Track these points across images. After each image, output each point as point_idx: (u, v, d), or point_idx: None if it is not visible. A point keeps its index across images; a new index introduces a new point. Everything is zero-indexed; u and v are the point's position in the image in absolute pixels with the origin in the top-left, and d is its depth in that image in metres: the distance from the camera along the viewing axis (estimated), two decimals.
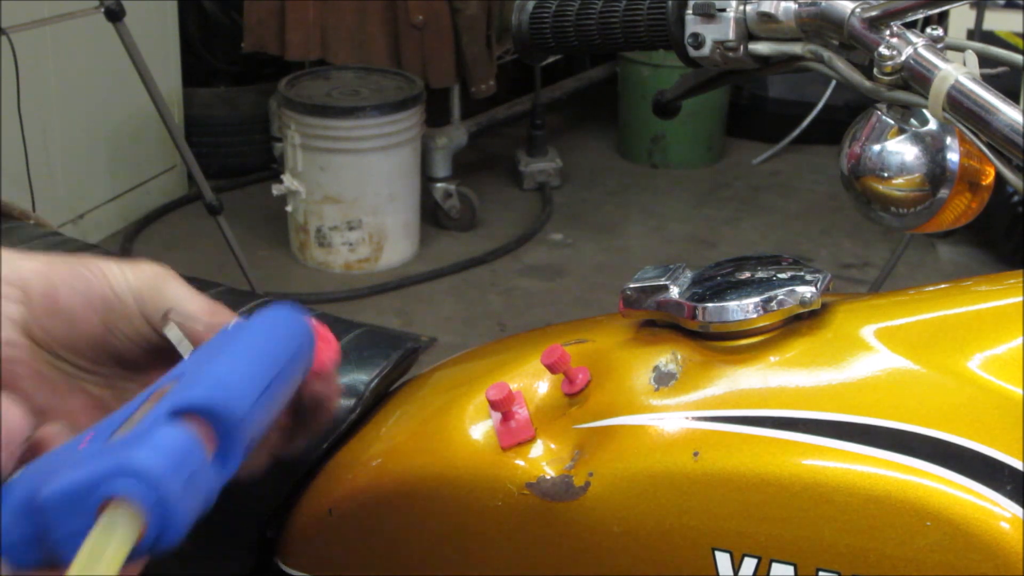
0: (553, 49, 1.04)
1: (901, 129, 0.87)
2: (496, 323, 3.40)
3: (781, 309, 0.85)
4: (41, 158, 3.32)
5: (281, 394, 0.65)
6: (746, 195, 4.24)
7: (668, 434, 0.83)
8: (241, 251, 3.08)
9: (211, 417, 0.58)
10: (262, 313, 0.67)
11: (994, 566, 0.72)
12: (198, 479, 0.56)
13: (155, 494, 0.53)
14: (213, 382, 0.59)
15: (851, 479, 0.76)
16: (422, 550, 0.95)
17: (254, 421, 0.60)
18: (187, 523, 0.55)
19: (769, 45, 0.92)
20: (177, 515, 0.54)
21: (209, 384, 0.59)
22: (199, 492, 0.56)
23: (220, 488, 0.58)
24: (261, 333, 0.66)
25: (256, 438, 0.62)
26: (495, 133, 4.31)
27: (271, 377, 0.62)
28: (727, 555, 0.80)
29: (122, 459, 0.54)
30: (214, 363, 0.61)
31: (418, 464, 0.94)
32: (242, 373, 0.61)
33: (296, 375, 0.67)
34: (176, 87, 3.96)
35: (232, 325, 0.67)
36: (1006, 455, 0.74)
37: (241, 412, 0.59)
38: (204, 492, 0.57)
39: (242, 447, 0.59)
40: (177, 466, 0.55)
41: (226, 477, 0.59)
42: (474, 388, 0.94)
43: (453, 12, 3.75)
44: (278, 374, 0.63)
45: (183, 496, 0.54)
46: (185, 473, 0.55)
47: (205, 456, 0.57)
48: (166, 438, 0.55)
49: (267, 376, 0.62)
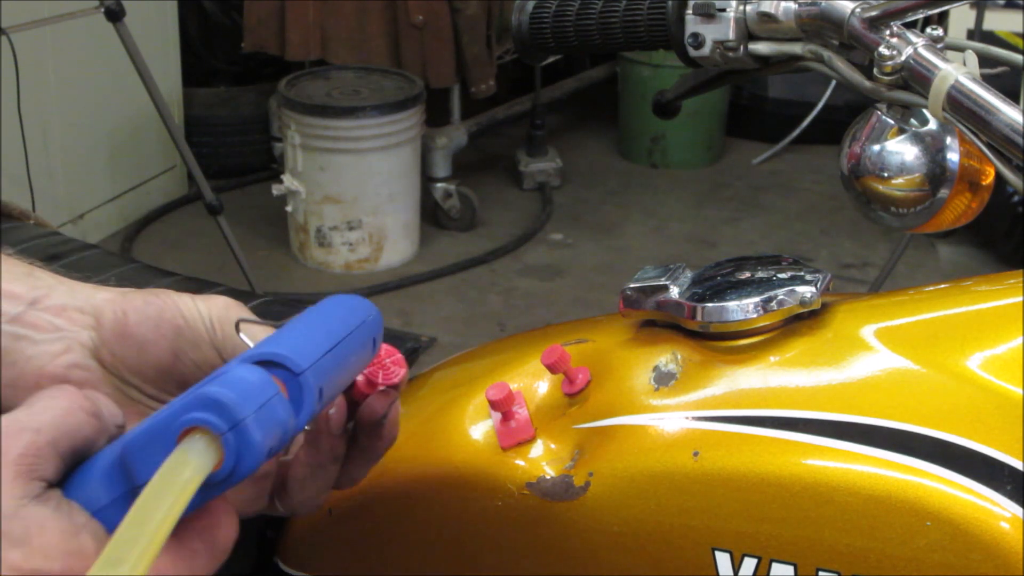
0: (553, 49, 1.04)
1: (901, 129, 0.87)
2: (496, 323, 3.40)
3: (781, 309, 0.85)
4: (41, 158, 3.32)
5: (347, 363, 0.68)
6: (746, 195, 4.24)
7: (668, 434, 0.83)
8: (241, 251, 3.08)
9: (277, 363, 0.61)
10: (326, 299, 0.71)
11: (994, 566, 0.72)
12: (271, 410, 0.58)
13: (230, 420, 0.56)
14: (278, 340, 0.63)
15: (851, 479, 0.76)
16: (422, 550, 0.95)
17: (322, 375, 0.63)
18: (263, 451, 0.57)
19: (769, 45, 0.92)
20: (252, 441, 0.56)
21: (274, 342, 0.62)
22: (273, 424, 0.58)
23: (296, 432, 0.61)
24: (322, 310, 0.69)
25: (328, 397, 0.65)
26: (495, 133, 4.31)
27: (334, 341, 0.65)
28: (727, 555, 0.80)
29: (197, 393, 0.57)
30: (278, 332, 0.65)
31: (418, 464, 0.94)
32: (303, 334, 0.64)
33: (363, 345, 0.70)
34: (176, 87, 3.96)
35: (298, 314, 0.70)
36: (1006, 455, 0.74)
37: (305, 363, 0.61)
38: (279, 427, 0.59)
39: (312, 397, 0.62)
40: (248, 396, 0.57)
41: (302, 424, 0.61)
42: (474, 388, 0.94)
43: (453, 12, 3.75)
44: (342, 340, 0.66)
45: (256, 423, 0.57)
46: (257, 403, 0.57)
47: (276, 390, 0.59)
48: (236, 375, 0.58)
49: (329, 339, 0.65)
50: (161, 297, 0.72)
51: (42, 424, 0.56)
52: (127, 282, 1.23)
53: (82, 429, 0.58)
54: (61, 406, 0.58)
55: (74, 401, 0.58)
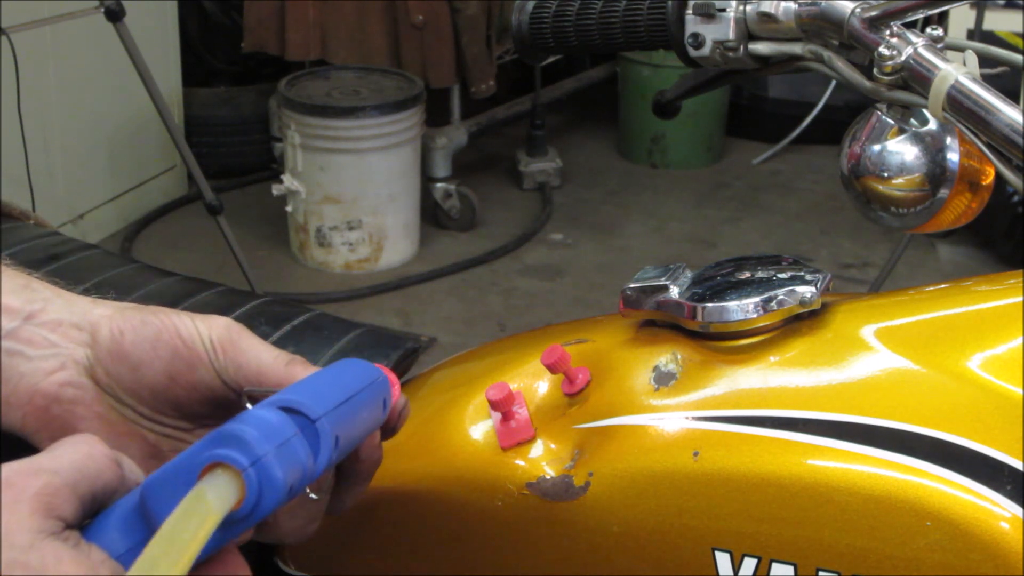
0: (553, 49, 1.04)
1: (901, 129, 0.87)
2: (496, 323, 3.40)
3: (781, 309, 0.85)
4: (41, 158, 3.32)
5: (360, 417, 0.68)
6: (746, 195, 4.24)
7: (668, 434, 0.83)
8: (241, 251, 3.08)
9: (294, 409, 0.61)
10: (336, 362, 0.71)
11: (994, 566, 0.72)
12: (291, 449, 0.58)
13: (252, 455, 0.56)
14: (294, 390, 0.63)
15: (851, 479, 0.76)
16: (422, 550, 0.95)
17: (337, 424, 0.63)
18: (284, 488, 0.57)
19: (769, 45, 0.92)
20: (273, 477, 0.56)
21: (290, 391, 0.63)
22: (294, 463, 0.58)
23: (315, 477, 0.61)
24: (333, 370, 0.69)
25: (344, 447, 0.65)
26: (495, 133, 4.31)
27: (348, 395, 0.66)
28: (727, 555, 0.80)
29: (218, 432, 0.57)
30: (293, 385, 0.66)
31: (418, 464, 0.94)
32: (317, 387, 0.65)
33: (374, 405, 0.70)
34: (176, 87, 3.96)
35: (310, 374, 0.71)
36: (1006, 455, 0.74)
37: (320, 409, 0.62)
38: (299, 466, 0.59)
39: (328, 443, 0.62)
40: (269, 434, 0.57)
41: (320, 469, 0.61)
42: (474, 388, 0.94)
43: (453, 12, 3.75)
44: (355, 395, 0.67)
45: (277, 460, 0.57)
46: (277, 441, 0.58)
47: (295, 431, 0.60)
48: (258, 416, 0.59)
49: (343, 393, 0.66)
50: (159, 316, 0.71)
51: (60, 467, 0.56)
52: (127, 282, 1.23)
53: (102, 475, 0.58)
54: (82, 451, 0.57)
55: (95, 447, 0.58)
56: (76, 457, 0.57)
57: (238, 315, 1.15)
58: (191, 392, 0.71)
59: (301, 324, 1.14)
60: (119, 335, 0.70)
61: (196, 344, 0.70)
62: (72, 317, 0.71)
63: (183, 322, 0.71)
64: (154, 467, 0.71)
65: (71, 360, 0.70)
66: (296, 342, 1.11)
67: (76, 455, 0.57)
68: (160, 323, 0.71)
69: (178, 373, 0.70)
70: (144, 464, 0.71)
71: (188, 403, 0.72)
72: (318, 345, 1.11)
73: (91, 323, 0.71)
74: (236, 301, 1.19)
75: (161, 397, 0.71)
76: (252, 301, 1.19)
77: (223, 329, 0.71)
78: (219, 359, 0.70)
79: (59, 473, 0.56)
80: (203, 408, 0.72)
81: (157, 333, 0.70)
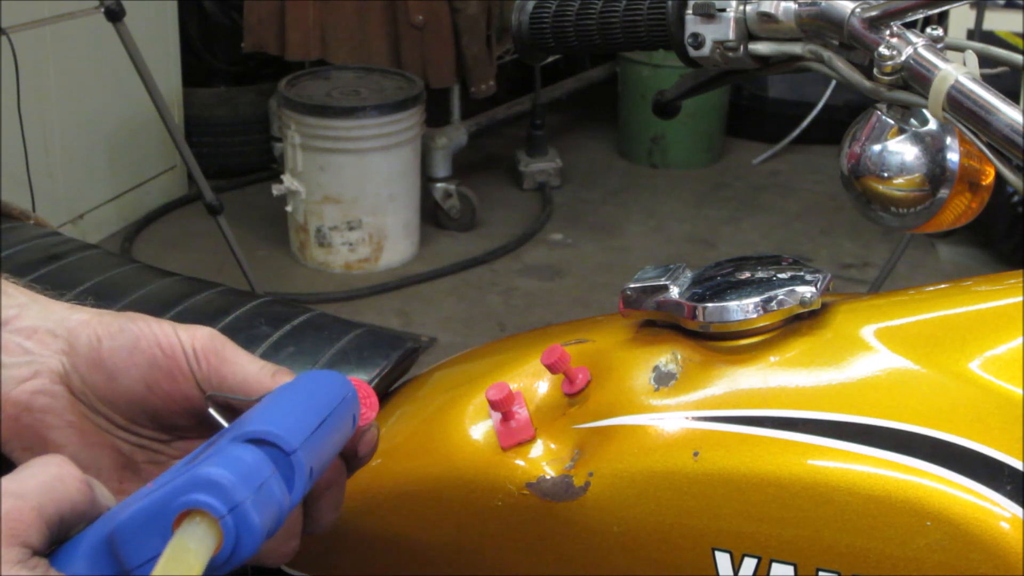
0: (553, 49, 1.04)
1: (901, 129, 0.87)
2: (496, 323, 3.40)
3: (781, 309, 0.85)
4: (41, 158, 3.32)
5: (332, 440, 0.66)
6: (746, 195, 4.24)
7: (668, 434, 0.83)
8: (241, 251, 3.07)
9: (270, 442, 0.59)
10: (303, 374, 0.69)
11: (994, 566, 0.72)
12: (268, 492, 0.57)
13: (229, 502, 0.54)
14: (267, 418, 0.61)
15: (851, 479, 0.76)
16: (422, 550, 0.95)
17: (310, 454, 0.62)
18: (262, 533, 0.56)
19: (769, 45, 0.92)
20: (252, 524, 0.55)
21: (265, 420, 0.61)
22: (270, 505, 0.57)
23: (288, 511, 0.59)
24: (303, 386, 0.67)
25: (316, 474, 0.63)
26: (495, 133, 4.31)
27: (320, 419, 0.64)
28: (727, 555, 0.80)
29: (195, 474, 0.55)
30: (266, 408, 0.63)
31: (418, 464, 0.94)
32: (290, 414, 0.63)
33: (344, 424, 0.68)
34: (176, 87, 3.96)
35: (277, 387, 0.68)
36: (1006, 455, 0.74)
37: (296, 441, 0.60)
38: (275, 507, 0.58)
39: (303, 477, 0.61)
40: (246, 477, 0.56)
41: (294, 502, 0.60)
42: (474, 388, 0.94)
43: (453, 12, 3.75)
44: (327, 417, 0.65)
45: (255, 505, 0.55)
46: (255, 484, 0.56)
47: (272, 471, 0.58)
48: (233, 455, 0.57)
49: (316, 416, 0.64)
50: (137, 324, 0.69)
51: (27, 491, 0.54)
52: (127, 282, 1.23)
53: (70, 497, 0.55)
54: (50, 472, 0.55)
55: (64, 468, 0.56)
56: (44, 479, 0.55)
57: (238, 315, 1.15)
58: (168, 403, 0.69)
59: (301, 324, 1.14)
60: (96, 342, 0.69)
61: (177, 353, 0.69)
62: (48, 323, 0.69)
63: (163, 330, 0.69)
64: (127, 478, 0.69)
65: (45, 368, 0.68)
66: (296, 342, 1.11)
67: (44, 476, 0.55)
68: (139, 330, 0.69)
69: (155, 382, 0.69)
70: (117, 474, 0.70)
71: (165, 414, 0.70)
72: (318, 345, 1.11)
73: (68, 329, 0.69)
74: (236, 301, 1.19)
75: (137, 407, 0.70)
76: (252, 301, 1.19)
77: (206, 339, 0.69)
78: (201, 369, 0.69)
79: (24, 497, 0.54)
80: (180, 419, 0.71)
81: (135, 341, 0.69)
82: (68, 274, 1.23)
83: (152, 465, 0.72)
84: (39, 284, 1.16)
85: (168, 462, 0.72)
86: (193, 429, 0.72)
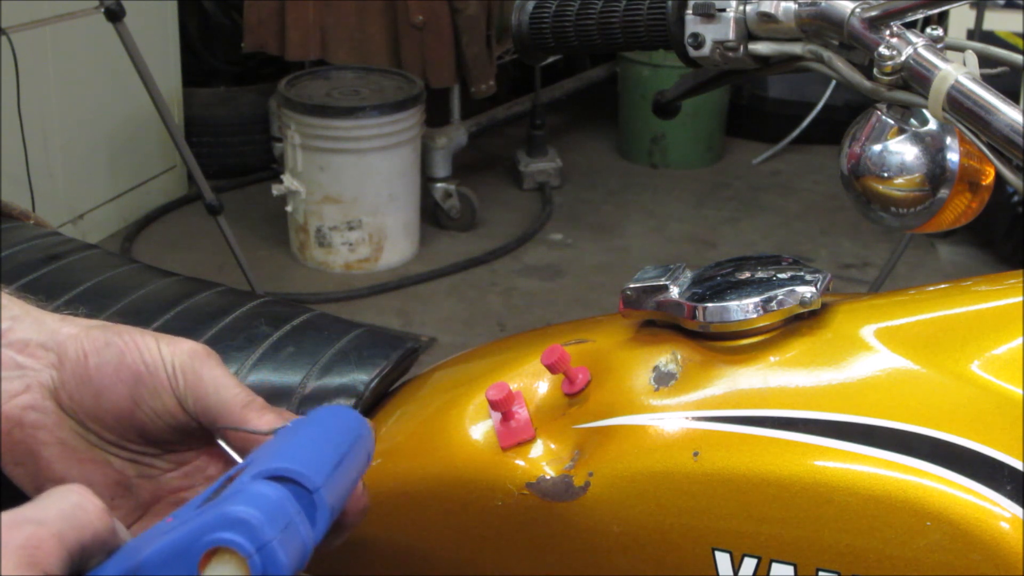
0: (553, 49, 1.04)
1: (901, 129, 0.87)
2: (496, 323, 3.40)
3: (781, 309, 0.85)
4: (41, 158, 3.32)
5: (350, 477, 0.67)
6: (746, 195, 4.24)
7: (668, 434, 0.83)
8: (241, 251, 3.07)
9: (293, 479, 0.59)
10: (317, 409, 0.69)
11: (994, 566, 0.72)
12: (294, 530, 0.57)
13: (257, 541, 0.54)
14: (290, 455, 0.61)
15: (851, 479, 0.76)
16: (422, 550, 0.95)
17: (331, 491, 0.62)
18: (289, 572, 0.56)
19: (769, 45, 0.92)
20: (279, 562, 0.55)
21: (287, 456, 0.61)
22: (295, 543, 0.57)
23: (312, 549, 0.60)
24: (320, 422, 0.68)
25: (336, 511, 0.64)
26: (495, 133, 4.31)
27: (340, 456, 0.64)
28: (727, 555, 0.80)
29: (221, 512, 0.55)
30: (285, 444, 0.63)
31: (418, 464, 0.94)
32: (311, 450, 0.63)
33: (360, 460, 0.69)
34: (176, 87, 3.96)
35: (292, 422, 0.69)
36: (1006, 455, 0.74)
37: (319, 479, 0.61)
38: (300, 545, 0.58)
39: (326, 514, 0.61)
40: (273, 516, 0.56)
41: (316, 540, 0.60)
42: (474, 388, 0.94)
43: (453, 12, 3.75)
44: (344, 455, 0.65)
45: (281, 544, 0.56)
46: (281, 523, 0.56)
47: (297, 509, 0.58)
48: (260, 493, 0.57)
49: (336, 453, 0.64)
50: (123, 338, 0.69)
51: (48, 518, 0.53)
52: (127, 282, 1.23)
53: (92, 525, 0.55)
54: (71, 500, 0.55)
55: (85, 497, 0.55)
56: (64, 506, 0.54)
57: (238, 315, 1.15)
58: (155, 418, 0.69)
59: (301, 324, 1.14)
60: (83, 358, 0.68)
61: (158, 369, 0.68)
62: (40, 337, 0.69)
63: (147, 344, 0.69)
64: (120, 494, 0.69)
65: (36, 382, 0.68)
66: (296, 342, 1.11)
67: (65, 504, 0.54)
68: (124, 345, 0.68)
69: (141, 399, 0.68)
70: (110, 490, 0.70)
71: (153, 429, 0.70)
72: (318, 345, 1.11)
73: (58, 343, 0.69)
74: (236, 301, 1.18)
75: (125, 423, 0.69)
76: (252, 301, 1.19)
77: (186, 356, 0.69)
78: (179, 387, 0.68)
79: (45, 524, 0.53)
80: (169, 435, 0.70)
81: (120, 357, 0.68)
82: (68, 274, 1.23)
83: (144, 479, 0.72)
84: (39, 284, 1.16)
85: (160, 476, 0.72)
86: (183, 443, 0.71)
